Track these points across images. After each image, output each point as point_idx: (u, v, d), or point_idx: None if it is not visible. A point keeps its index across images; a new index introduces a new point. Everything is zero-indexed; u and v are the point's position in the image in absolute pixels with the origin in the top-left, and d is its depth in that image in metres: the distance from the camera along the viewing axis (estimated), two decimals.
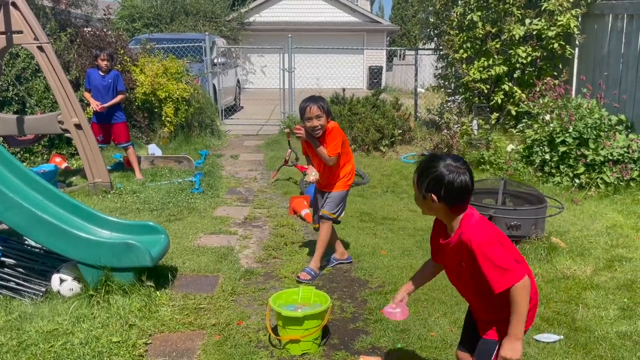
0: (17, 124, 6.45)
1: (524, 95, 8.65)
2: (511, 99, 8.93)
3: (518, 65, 8.80)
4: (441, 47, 10.50)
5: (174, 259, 4.50)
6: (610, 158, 6.49)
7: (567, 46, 8.63)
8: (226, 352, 3.17)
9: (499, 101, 8.96)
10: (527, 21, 8.65)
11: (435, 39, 11.02)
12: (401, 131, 9.45)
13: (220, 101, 12.58)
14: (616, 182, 6.39)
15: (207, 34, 12.76)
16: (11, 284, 3.80)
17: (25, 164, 7.17)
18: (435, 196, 2.08)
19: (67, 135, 6.70)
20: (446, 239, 2.19)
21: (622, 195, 6.24)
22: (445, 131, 8.68)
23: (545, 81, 8.08)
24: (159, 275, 4.02)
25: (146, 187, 6.85)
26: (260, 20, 23.28)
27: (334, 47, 14.52)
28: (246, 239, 5.17)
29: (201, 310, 3.68)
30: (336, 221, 4.35)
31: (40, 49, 6.04)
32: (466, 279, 2.19)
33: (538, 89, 7.97)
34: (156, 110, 9.62)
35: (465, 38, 9.25)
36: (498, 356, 2.11)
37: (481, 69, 9.01)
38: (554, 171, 6.92)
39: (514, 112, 8.82)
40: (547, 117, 7.21)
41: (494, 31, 8.94)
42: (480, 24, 8.96)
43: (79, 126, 6.28)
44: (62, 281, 3.76)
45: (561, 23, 8.40)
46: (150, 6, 19.43)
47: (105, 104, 6.99)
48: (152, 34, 14.03)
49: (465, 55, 9.26)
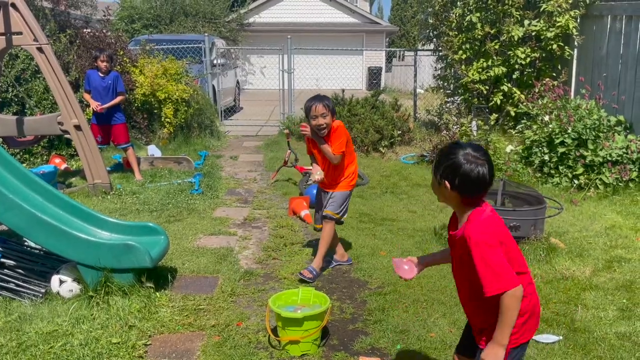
0: (17, 125, 6.46)
1: (523, 96, 8.66)
2: (510, 100, 8.94)
3: (517, 66, 8.81)
4: (440, 48, 10.51)
5: (173, 260, 4.51)
6: (609, 159, 6.49)
7: (566, 47, 8.64)
8: (226, 353, 3.17)
9: (498, 102, 8.97)
10: (526, 22, 8.66)
11: (435, 40, 11.02)
12: (400, 132, 9.46)
13: (220, 102, 12.57)
14: (615, 183, 6.40)
15: (206, 35, 12.77)
16: (11, 285, 3.80)
17: (24, 165, 7.15)
18: (449, 184, 2.06)
19: (67, 136, 6.71)
20: (455, 230, 2.17)
21: (621, 196, 6.25)
22: (445, 132, 8.69)
23: (544, 82, 8.08)
24: (159, 276, 4.03)
25: (146, 188, 6.86)
26: (259, 21, 23.30)
27: (333, 48, 14.51)
28: (246, 239, 5.17)
29: (201, 311, 3.68)
30: (339, 222, 4.35)
31: (40, 50, 6.05)
32: (465, 276, 2.17)
33: (537, 89, 7.98)
34: (155, 111, 9.63)
35: (465, 39, 9.26)
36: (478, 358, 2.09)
37: (480, 70, 9.02)
38: (553, 172, 6.93)
39: (513, 113, 8.83)
40: (546, 118, 7.22)
41: (493, 32, 8.95)
42: (479, 25, 8.98)
43: (78, 127, 6.28)
44: (61, 282, 3.77)
45: (560, 24, 8.40)
46: (150, 7, 19.44)
47: (105, 105, 7.00)
48: (152, 35, 14.04)
49: (464, 56, 9.27)
